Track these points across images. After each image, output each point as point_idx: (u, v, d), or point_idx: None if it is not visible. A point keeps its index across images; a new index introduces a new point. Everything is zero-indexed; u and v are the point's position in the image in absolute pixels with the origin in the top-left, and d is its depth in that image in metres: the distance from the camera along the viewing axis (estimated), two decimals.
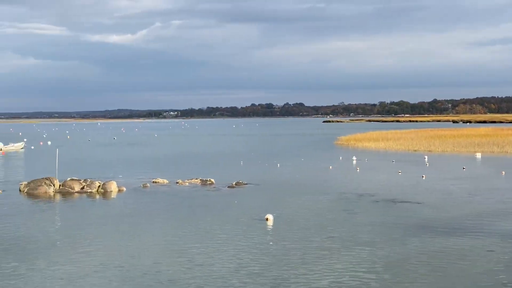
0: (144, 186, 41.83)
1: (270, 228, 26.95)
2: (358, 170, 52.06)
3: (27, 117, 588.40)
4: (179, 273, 19.26)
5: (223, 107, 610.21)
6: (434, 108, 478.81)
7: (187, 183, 43.40)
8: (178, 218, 29.61)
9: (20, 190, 39.83)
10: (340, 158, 65.69)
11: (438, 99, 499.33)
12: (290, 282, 18.22)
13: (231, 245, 23.34)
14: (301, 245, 23.25)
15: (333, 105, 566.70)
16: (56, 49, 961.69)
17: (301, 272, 19.26)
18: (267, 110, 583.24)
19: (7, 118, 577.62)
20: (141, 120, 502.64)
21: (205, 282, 18.26)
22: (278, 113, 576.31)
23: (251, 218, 29.20)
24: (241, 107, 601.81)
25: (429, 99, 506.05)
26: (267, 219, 28.32)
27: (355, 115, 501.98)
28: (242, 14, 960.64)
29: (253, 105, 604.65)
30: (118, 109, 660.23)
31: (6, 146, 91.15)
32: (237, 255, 21.69)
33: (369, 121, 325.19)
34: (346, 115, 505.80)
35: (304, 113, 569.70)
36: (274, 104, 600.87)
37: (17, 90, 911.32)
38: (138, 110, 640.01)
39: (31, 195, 38.46)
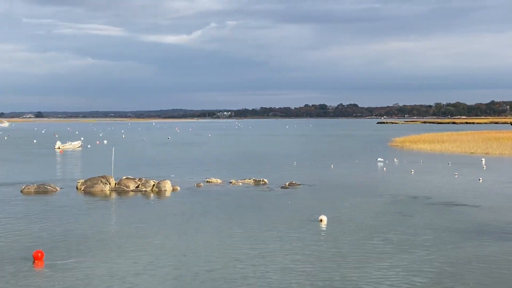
0: (198, 186, 42.09)
1: (323, 229, 26.76)
2: (412, 172, 51.30)
3: (84, 117, 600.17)
4: (231, 273, 19.27)
5: (276, 107, 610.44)
6: (491, 110, 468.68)
7: (241, 183, 43.50)
8: (231, 217, 29.67)
9: (77, 188, 40.56)
10: (395, 159, 64.86)
11: (496, 100, 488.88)
12: (343, 285, 18.03)
13: (284, 245, 23.25)
14: (355, 247, 23.01)
15: (388, 106, 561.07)
16: (112, 49, 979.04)
17: (355, 275, 19.05)
18: (320, 111, 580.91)
19: (65, 117, 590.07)
20: (195, 120, 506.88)
21: (256, 282, 18.22)
22: (331, 114, 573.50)
23: (304, 219, 29.05)
24: (295, 108, 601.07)
25: (487, 101, 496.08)
26: (321, 220, 28.13)
27: (410, 116, 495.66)
28: (297, 14, 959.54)
29: (306, 105, 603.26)
30: (172, 109, 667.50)
31: (64, 144, 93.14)
32: (290, 256, 21.58)
33: (424, 122, 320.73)
34: (401, 116, 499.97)
35: (358, 114, 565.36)
36: (328, 104, 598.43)
37: (74, 90, 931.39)
38: (192, 110, 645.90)
39: (87, 192, 39.13)
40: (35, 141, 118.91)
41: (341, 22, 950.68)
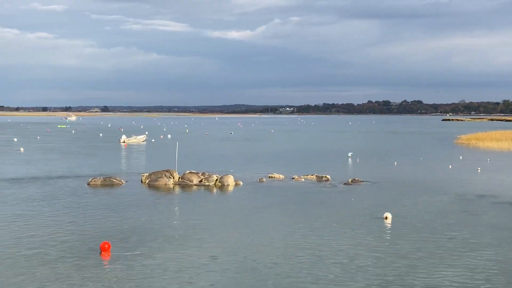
0: (260, 181, 42.17)
1: (388, 226, 26.43)
2: (479, 171, 50.14)
3: (148, 111, 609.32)
4: (292, 269, 19.21)
5: (339, 103, 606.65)
6: None
7: (303, 179, 43.38)
8: (293, 213, 29.61)
9: (141, 181, 41.21)
10: (460, 157, 63.56)
11: None
12: (407, 283, 17.76)
13: (348, 242, 23.06)
14: (419, 245, 22.64)
15: (453, 103, 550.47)
16: (177, 45, 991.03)
17: (419, 273, 18.74)
18: (384, 107, 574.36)
19: (129, 111, 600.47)
20: (257, 115, 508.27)
21: (319, 278, 18.12)
22: (395, 110, 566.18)
23: (368, 216, 28.76)
24: (357, 104, 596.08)
25: None
26: (385, 218, 27.79)
27: (476, 113, 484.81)
28: (361, 10, 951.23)
29: (369, 102, 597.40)
30: (235, 104, 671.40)
31: (129, 138, 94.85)
32: (354, 252, 21.39)
33: (492, 120, 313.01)
34: (467, 113, 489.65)
35: (423, 111, 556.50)
36: (392, 101, 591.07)
37: (139, 85, 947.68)
38: (254, 106, 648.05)
39: (151, 186, 39.70)
40: (101, 134, 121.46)
41: (406, 18, 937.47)
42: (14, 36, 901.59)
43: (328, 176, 43.64)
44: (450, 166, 53.73)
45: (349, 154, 64.57)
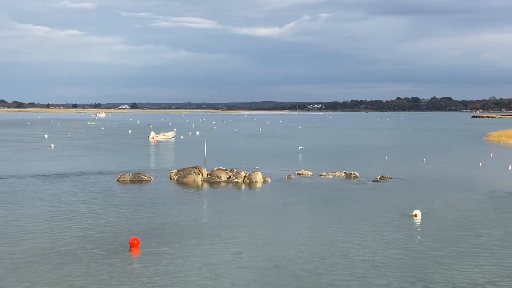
0: (289, 178, 42.15)
1: (418, 224, 26.25)
2: (510, 168, 49.51)
3: (176, 108, 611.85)
4: (320, 266, 19.19)
5: (367, 100, 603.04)
6: None
7: (331, 176, 43.26)
8: (322, 210, 29.55)
9: (170, 178, 41.44)
10: (491, 154, 62.86)
11: None
12: (437, 281, 17.64)
13: (377, 239, 22.96)
14: (449, 243, 22.46)
15: (483, 100, 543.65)
16: (206, 42, 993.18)
17: (449, 271, 18.59)
18: (412, 104, 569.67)
19: (158, 108, 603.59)
20: (285, 112, 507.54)
21: (346, 275, 18.07)
22: (424, 107, 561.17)
23: (397, 213, 28.59)
24: (386, 101, 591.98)
25: None
26: (415, 215, 27.61)
27: (507, 110, 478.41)
28: (391, 6, 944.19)
29: (398, 98, 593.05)
30: (263, 101, 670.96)
31: (158, 135, 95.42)
32: (382, 250, 21.29)
33: None
34: (497, 110, 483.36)
35: (452, 107, 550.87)
36: (421, 98, 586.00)
37: (168, 81, 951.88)
38: (282, 102, 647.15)
39: (180, 183, 39.90)
40: (130, 131, 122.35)
41: (435, 14, 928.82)
42: (45, 34, 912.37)
43: (356, 173, 43.46)
44: (480, 164, 53.16)
45: (300, 148, 63.76)
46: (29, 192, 34.85)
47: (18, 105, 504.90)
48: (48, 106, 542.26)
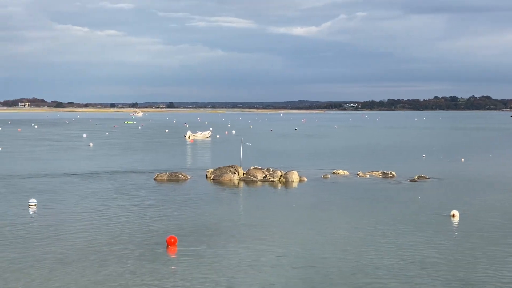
0: (325, 177, 42.01)
1: (455, 225, 25.95)
2: None
3: (212, 107, 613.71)
4: (356, 265, 19.10)
5: (404, 99, 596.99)
6: None
7: (368, 175, 43.00)
8: (358, 210, 29.39)
9: (206, 177, 41.61)
10: None
11: None
12: (474, 282, 17.41)
13: (414, 240, 22.75)
14: (488, 244, 22.16)
15: None
16: (242, 41, 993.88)
17: (488, 273, 18.35)
18: (450, 103, 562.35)
19: (194, 108, 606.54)
20: (321, 111, 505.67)
21: (384, 275, 17.95)
22: (462, 106, 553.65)
23: (435, 213, 28.30)
24: (423, 100, 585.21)
25: None
26: (453, 216, 27.29)
27: None
28: (428, 4, 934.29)
29: (436, 97, 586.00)
30: (299, 100, 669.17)
31: (194, 134, 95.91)
32: (419, 250, 21.09)
33: None
34: None
35: (491, 106, 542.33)
36: (459, 97, 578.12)
37: (204, 81, 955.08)
38: (318, 102, 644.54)
39: (216, 182, 40.04)
40: (167, 130, 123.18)
41: (473, 11, 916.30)
42: (83, 34, 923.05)
43: (393, 173, 43.11)
44: None
45: (248, 144, 62.46)
46: (68, 190, 35.35)
47: (58, 104, 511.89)
48: (86, 105, 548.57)
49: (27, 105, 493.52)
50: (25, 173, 43.66)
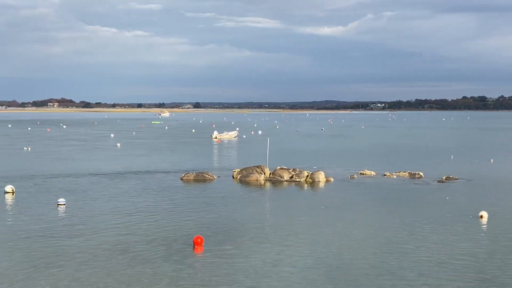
0: (352, 177, 41.84)
1: (484, 226, 25.69)
2: None
3: (239, 107, 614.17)
4: (383, 267, 18.99)
5: (432, 99, 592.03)
6: None
7: (395, 176, 42.74)
8: (385, 211, 29.23)
9: (233, 177, 41.69)
10: None
11: None
12: (503, 283, 17.22)
13: (441, 240, 22.57)
14: None
15: None
16: (269, 41, 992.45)
17: None
18: (479, 103, 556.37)
19: (221, 108, 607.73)
20: (348, 111, 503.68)
21: (408, 277, 17.83)
22: (491, 106, 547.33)
23: (463, 214, 28.03)
24: (451, 100, 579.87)
25: None
26: (481, 217, 27.02)
27: None
28: (457, 3, 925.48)
29: (464, 97, 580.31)
30: (325, 100, 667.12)
31: (220, 134, 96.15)
32: (447, 251, 20.92)
33: None
34: None
35: None
36: (488, 97, 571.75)
37: (231, 81, 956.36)
38: (345, 102, 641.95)
39: (243, 182, 40.10)
40: (193, 130, 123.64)
41: (503, 11, 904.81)
42: (112, 35, 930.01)
43: (421, 173, 42.80)
44: None
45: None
46: (96, 190, 35.66)
47: (86, 104, 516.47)
48: (114, 105, 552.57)
49: (56, 106, 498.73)
50: (54, 172, 44.15)
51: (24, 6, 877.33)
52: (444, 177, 41.18)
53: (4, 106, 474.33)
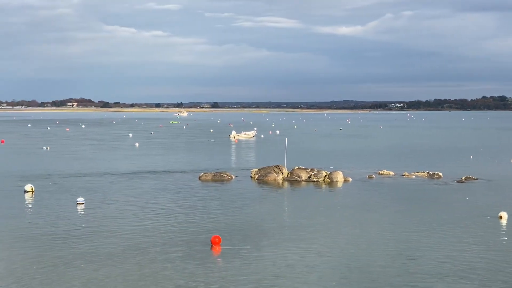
0: (370, 177, 41.68)
1: (503, 226, 25.48)
2: None
3: (257, 107, 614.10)
4: (401, 267, 18.89)
5: (451, 99, 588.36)
6: None
7: (414, 176, 42.51)
8: (404, 211, 29.09)
9: (251, 177, 41.69)
10: None
11: None
12: None
13: (460, 241, 22.41)
14: None
15: None
16: (287, 41, 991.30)
17: None
18: (499, 103, 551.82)
19: (239, 107, 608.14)
20: (366, 111, 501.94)
21: (427, 277, 17.72)
22: (511, 106, 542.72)
23: (482, 214, 27.82)
24: (471, 99, 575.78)
25: None
26: (500, 217, 26.80)
27: None
28: (477, 2, 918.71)
29: (484, 97, 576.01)
30: (343, 100, 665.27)
31: (238, 134, 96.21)
32: (467, 252, 20.77)
33: None
34: None
35: None
36: (508, 96, 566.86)
37: (249, 81, 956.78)
38: (363, 102, 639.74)
39: (261, 181, 40.09)
40: (211, 130, 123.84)
41: None
42: (131, 35, 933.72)
43: (440, 173, 42.54)
44: None
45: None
46: (115, 190, 35.84)
47: (104, 104, 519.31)
48: (132, 105, 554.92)
49: (75, 105, 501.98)
50: (73, 172, 44.42)
51: (44, 7, 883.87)
52: (463, 177, 40.90)
53: (23, 106, 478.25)
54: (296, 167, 42.15)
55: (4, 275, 17.81)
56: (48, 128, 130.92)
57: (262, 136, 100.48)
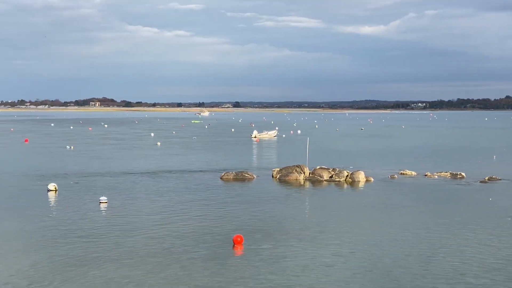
0: (392, 177, 41.48)
1: None
2: None
3: (278, 107, 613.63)
4: (424, 269, 18.77)
5: (474, 99, 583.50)
6: None
7: (436, 176, 42.23)
8: (427, 211, 28.90)
9: (272, 176, 41.68)
10: None
11: None
12: None
13: (484, 243, 22.22)
14: None
15: None
16: (309, 40, 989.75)
17: None
18: None
19: (260, 107, 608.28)
20: (388, 111, 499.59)
21: (450, 279, 17.59)
22: None
23: (506, 215, 27.56)
24: (494, 99, 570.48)
25: None
26: None
27: None
28: (502, 2, 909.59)
29: (507, 97, 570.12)
30: (365, 100, 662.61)
31: (260, 133, 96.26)
32: (489, 253, 20.58)
33: None
34: None
35: None
36: None
37: (270, 81, 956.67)
38: (385, 101, 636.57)
39: (282, 181, 40.07)
40: (233, 130, 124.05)
41: None
42: (153, 35, 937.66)
43: (463, 174, 42.22)
44: None
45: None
46: (137, 189, 36.03)
47: (126, 104, 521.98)
48: (154, 105, 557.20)
49: (97, 105, 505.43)
50: (96, 171, 44.74)
51: (67, 7, 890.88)
52: (486, 178, 40.55)
53: (47, 106, 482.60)
54: (318, 167, 42.07)
55: (29, 274, 17.98)
56: (71, 127, 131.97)
57: (284, 135, 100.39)
